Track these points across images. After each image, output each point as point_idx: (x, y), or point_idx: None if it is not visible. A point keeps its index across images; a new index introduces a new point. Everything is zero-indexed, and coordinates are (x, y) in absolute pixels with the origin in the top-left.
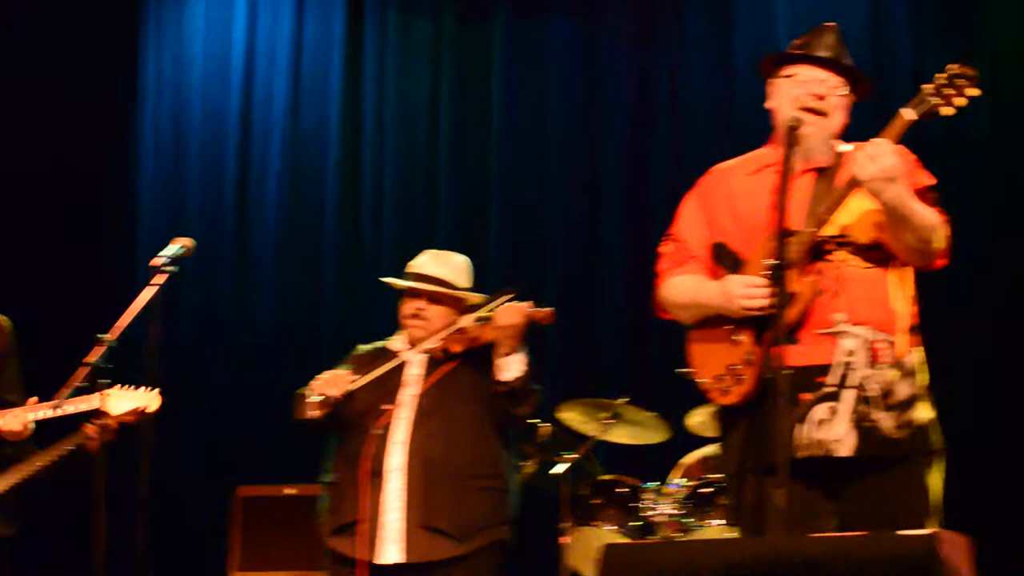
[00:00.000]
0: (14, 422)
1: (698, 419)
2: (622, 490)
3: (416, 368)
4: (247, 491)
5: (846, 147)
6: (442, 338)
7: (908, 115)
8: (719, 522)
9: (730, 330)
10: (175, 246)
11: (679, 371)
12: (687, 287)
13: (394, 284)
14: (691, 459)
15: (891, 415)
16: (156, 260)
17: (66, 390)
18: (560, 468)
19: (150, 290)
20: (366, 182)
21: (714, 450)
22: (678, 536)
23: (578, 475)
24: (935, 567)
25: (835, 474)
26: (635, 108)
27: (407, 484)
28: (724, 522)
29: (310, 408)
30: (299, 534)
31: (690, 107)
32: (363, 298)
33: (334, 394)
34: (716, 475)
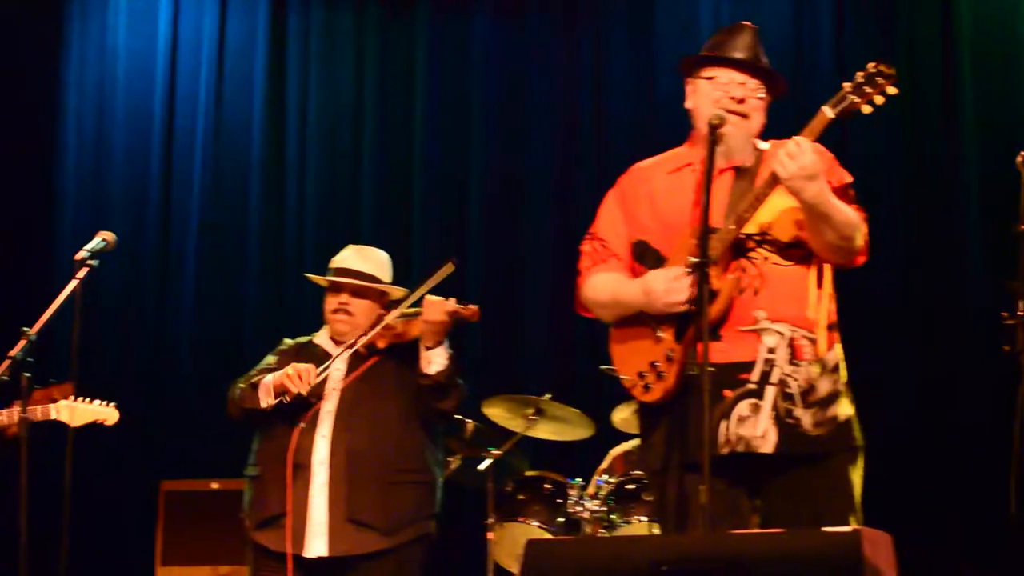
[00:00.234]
0: None
1: (623, 415)
2: (547, 486)
3: (340, 363)
4: (171, 486)
5: (763, 145)
6: (370, 338)
7: (828, 113)
8: (644, 519)
9: (651, 327)
10: (97, 240)
11: (602, 368)
12: (608, 286)
13: (317, 280)
14: (614, 454)
15: (812, 412)
16: (79, 254)
17: None
18: (485, 464)
19: (72, 284)
20: (290, 177)
21: (636, 445)
22: (602, 533)
23: (503, 471)
24: (858, 564)
25: (758, 471)
26: (559, 102)
27: (331, 478)
28: (648, 519)
29: (265, 399)
30: (224, 529)
31: (614, 103)
32: (286, 294)
33: (304, 391)
34: (639, 471)
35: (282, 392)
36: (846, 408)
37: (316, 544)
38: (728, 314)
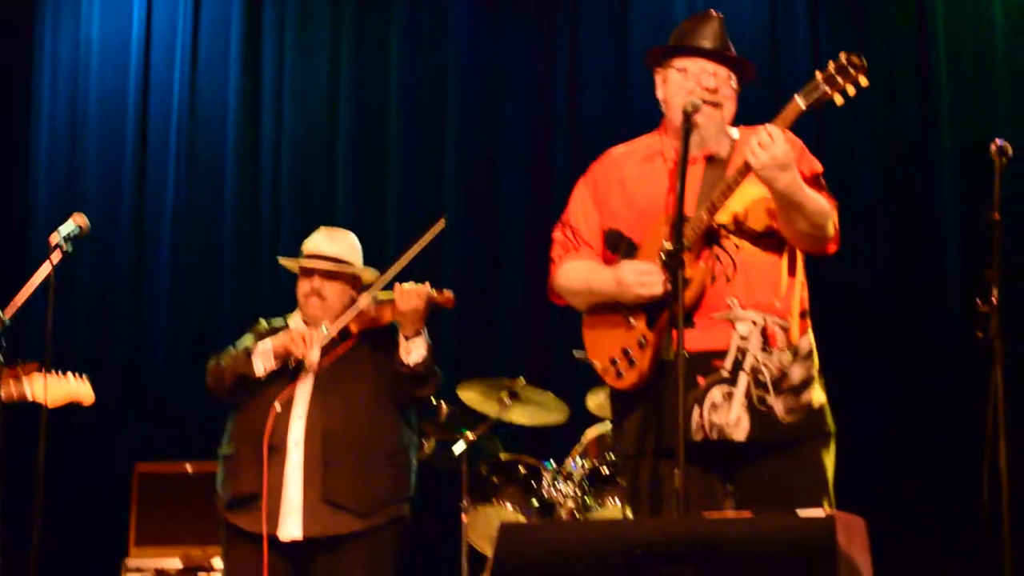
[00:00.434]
0: None
1: (598, 399)
2: (522, 470)
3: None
4: (146, 468)
5: (734, 132)
6: (344, 323)
7: (800, 103)
8: (618, 502)
9: (624, 314)
10: (70, 224)
11: (575, 354)
12: (580, 274)
13: (288, 265)
14: (587, 438)
15: (785, 399)
16: (52, 238)
17: None
18: (460, 447)
19: (45, 268)
20: (264, 164)
21: (610, 429)
22: (577, 516)
23: (478, 454)
24: (832, 548)
25: (731, 457)
26: (535, 90)
27: (306, 459)
28: (622, 502)
29: (263, 363)
30: (198, 510)
31: (589, 92)
32: (262, 279)
33: (309, 354)
34: (613, 455)
35: (284, 356)
36: (819, 395)
37: (290, 525)
38: (701, 302)
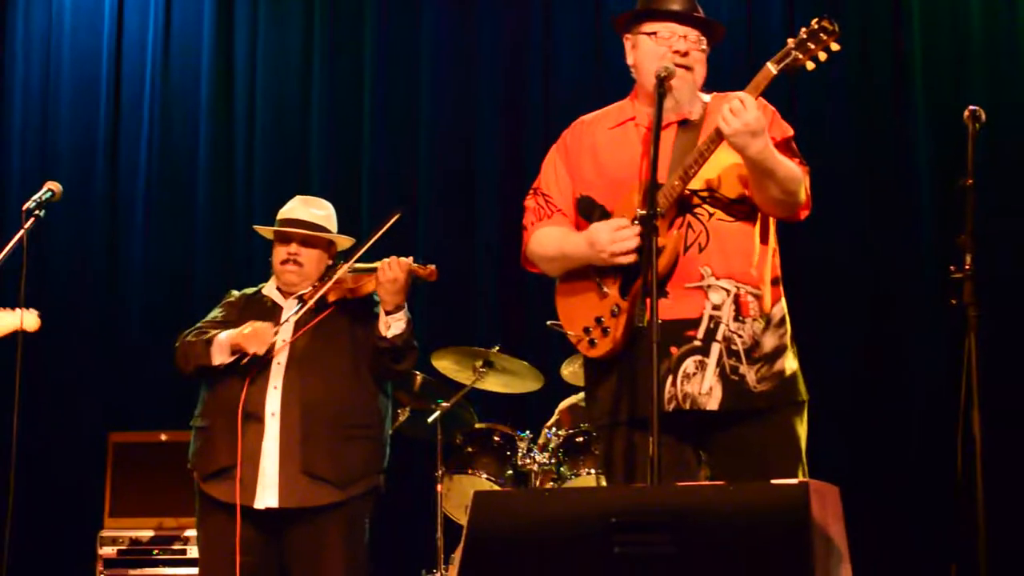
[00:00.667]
0: None
1: (572, 368)
2: (496, 439)
3: (288, 313)
4: (120, 437)
5: (705, 97)
6: (322, 292)
7: (772, 69)
8: (593, 471)
9: (597, 282)
10: (44, 190)
11: (549, 324)
12: (553, 239)
13: (263, 232)
14: (561, 407)
15: (757, 367)
16: (26, 205)
17: None
18: (434, 416)
19: (19, 234)
20: (238, 129)
21: (582, 398)
22: (552, 485)
23: (452, 423)
24: (806, 516)
25: (704, 427)
26: (509, 62)
27: (283, 430)
28: (597, 471)
29: (219, 356)
30: (172, 480)
31: (563, 64)
32: (235, 245)
33: (260, 351)
34: (588, 424)
35: (239, 352)
36: (791, 362)
37: (267, 496)
38: (673, 271)
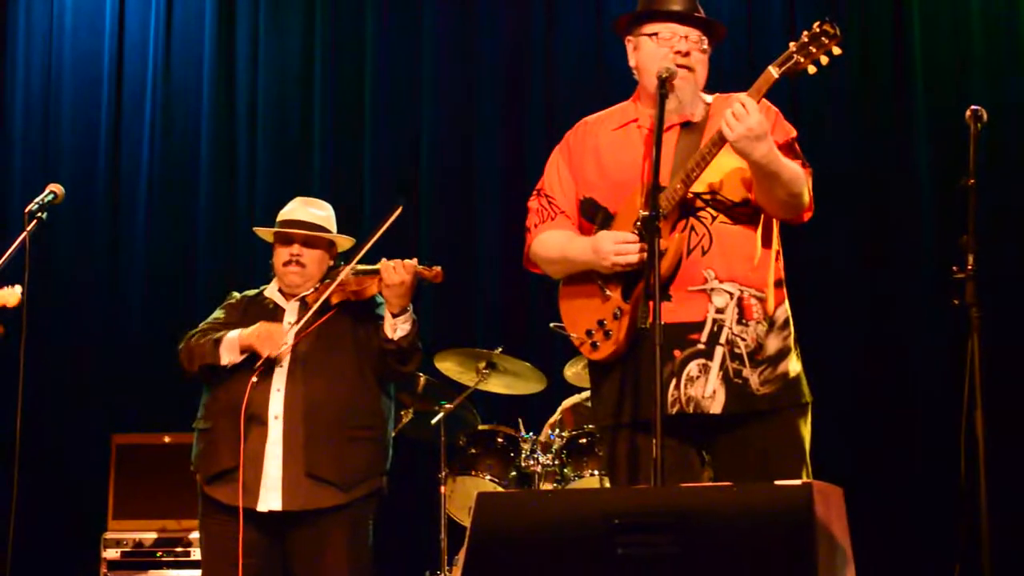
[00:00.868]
0: None
1: (575, 369)
2: (500, 440)
3: (292, 316)
4: (123, 439)
5: (707, 98)
6: (326, 295)
7: (774, 73)
8: (596, 472)
9: (600, 285)
10: (46, 193)
11: (552, 326)
12: (556, 243)
13: (263, 235)
14: (564, 407)
15: (761, 370)
16: (28, 207)
17: None
18: (437, 418)
19: (22, 237)
20: (240, 129)
21: (587, 398)
22: (555, 486)
23: (456, 425)
24: (810, 517)
25: (708, 429)
26: (510, 62)
27: (286, 432)
28: (601, 472)
29: (228, 355)
30: (176, 482)
31: (564, 65)
32: (237, 246)
33: (274, 353)
34: (591, 425)
35: (250, 352)
36: (795, 365)
37: (270, 498)
38: (676, 274)
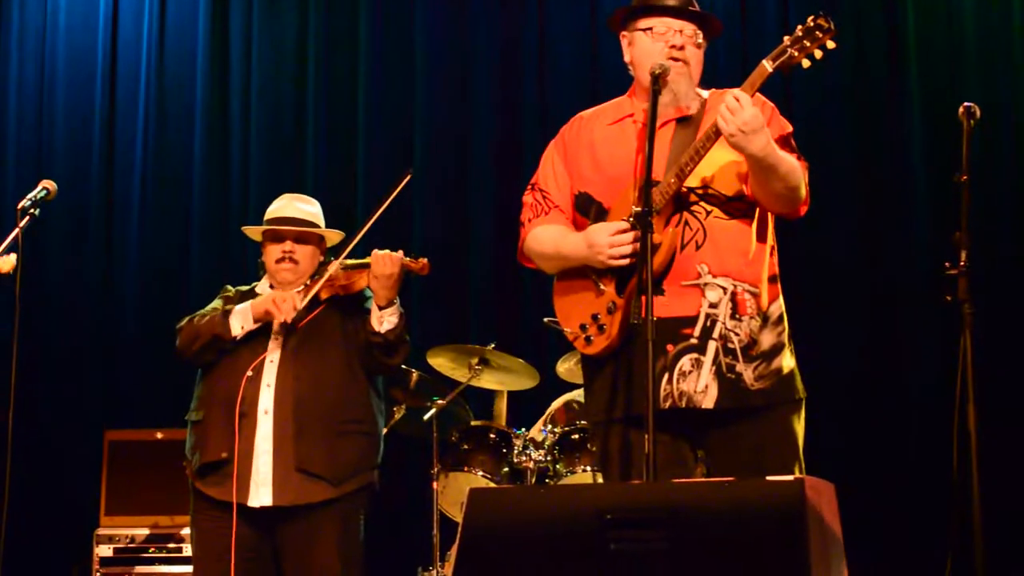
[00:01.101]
0: None
1: (568, 365)
2: (492, 436)
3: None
4: (115, 435)
5: (703, 92)
6: (315, 290)
7: (767, 67)
8: (588, 468)
9: (593, 280)
10: (39, 189)
11: (546, 321)
12: (550, 238)
13: (251, 234)
14: (556, 404)
15: (754, 366)
16: (21, 203)
17: None
18: (430, 414)
19: (14, 233)
20: (234, 129)
21: (579, 395)
22: (547, 482)
23: (448, 421)
24: (802, 512)
25: (701, 424)
26: (504, 60)
27: (276, 427)
28: (593, 468)
29: (241, 324)
30: (168, 478)
31: (559, 58)
32: (231, 242)
33: (289, 319)
34: (582, 421)
35: (264, 319)
36: (789, 360)
37: (261, 493)
38: (670, 268)
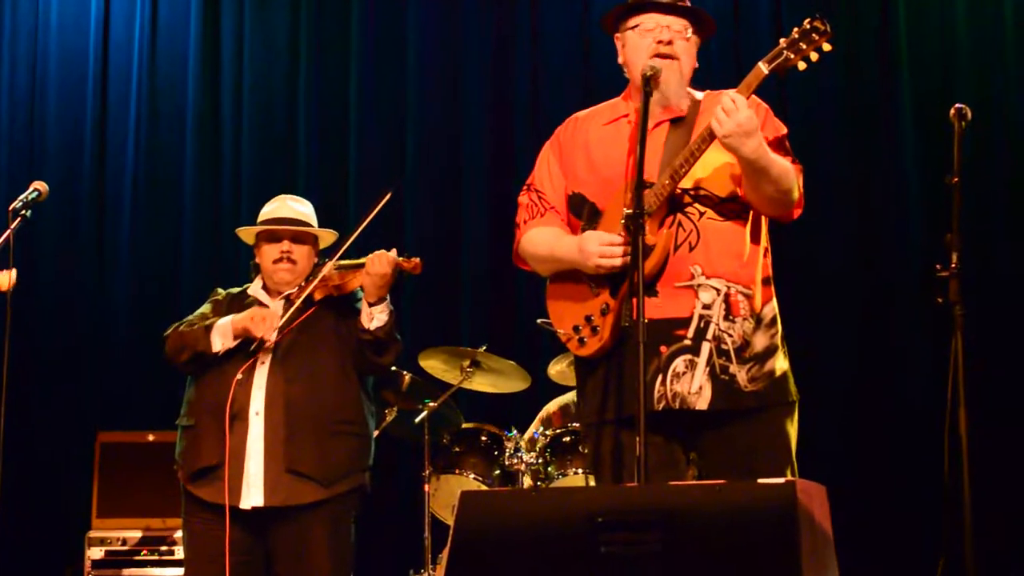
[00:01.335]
0: None
1: (559, 368)
2: (484, 439)
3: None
4: (108, 437)
5: (697, 94)
6: (309, 291)
7: (763, 69)
8: (580, 471)
9: (587, 281)
10: (30, 190)
11: (539, 322)
12: (545, 240)
13: (245, 235)
14: (552, 408)
15: (748, 367)
16: (12, 205)
17: None
18: (421, 416)
19: (6, 234)
20: (225, 129)
21: (573, 398)
22: (539, 484)
23: (440, 423)
24: (793, 515)
25: (694, 426)
26: (496, 59)
27: (267, 428)
28: (585, 471)
29: (221, 341)
30: (160, 481)
31: (551, 59)
32: (223, 243)
33: (268, 336)
34: (576, 424)
35: (244, 336)
36: (782, 363)
37: (253, 495)
38: (664, 269)
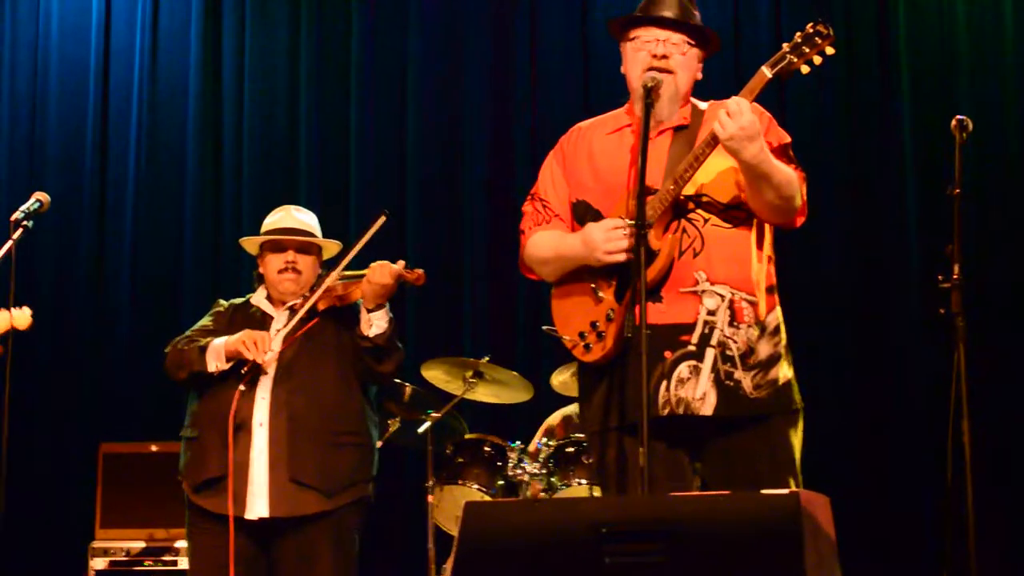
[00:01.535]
0: None
1: (562, 378)
2: (487, 449)
3: (280, 324)
4: (110, 448)
5: (701, 104)
6: (314, 301)
7: (767, 73)
8: (584, 482)
9: (592, 287)
10: (32, 201)
11: (544, 328)
12: (548, 242)
13: (248, 246)
14: (555, 419)
15: (752, 374)
16: (14, 216)
17: None
18: (424, 427)
19: (7, 245)
20: (227, 139)
21: (576, 409)
22: (543, 495)
23: (443, 434)
24: (797, 526)
25: (698, 433)
26: (496, 70)
27: (271, 439)
28: (589, 482)
29: (215, 362)
30: (163, 491)
31: (551, 66)
32: (224, 256)
33: (260, 359)
34: (580, 434)
35: (236, 358)
36: (786, 371)
37: (258, 506)
38: (668, 275)
